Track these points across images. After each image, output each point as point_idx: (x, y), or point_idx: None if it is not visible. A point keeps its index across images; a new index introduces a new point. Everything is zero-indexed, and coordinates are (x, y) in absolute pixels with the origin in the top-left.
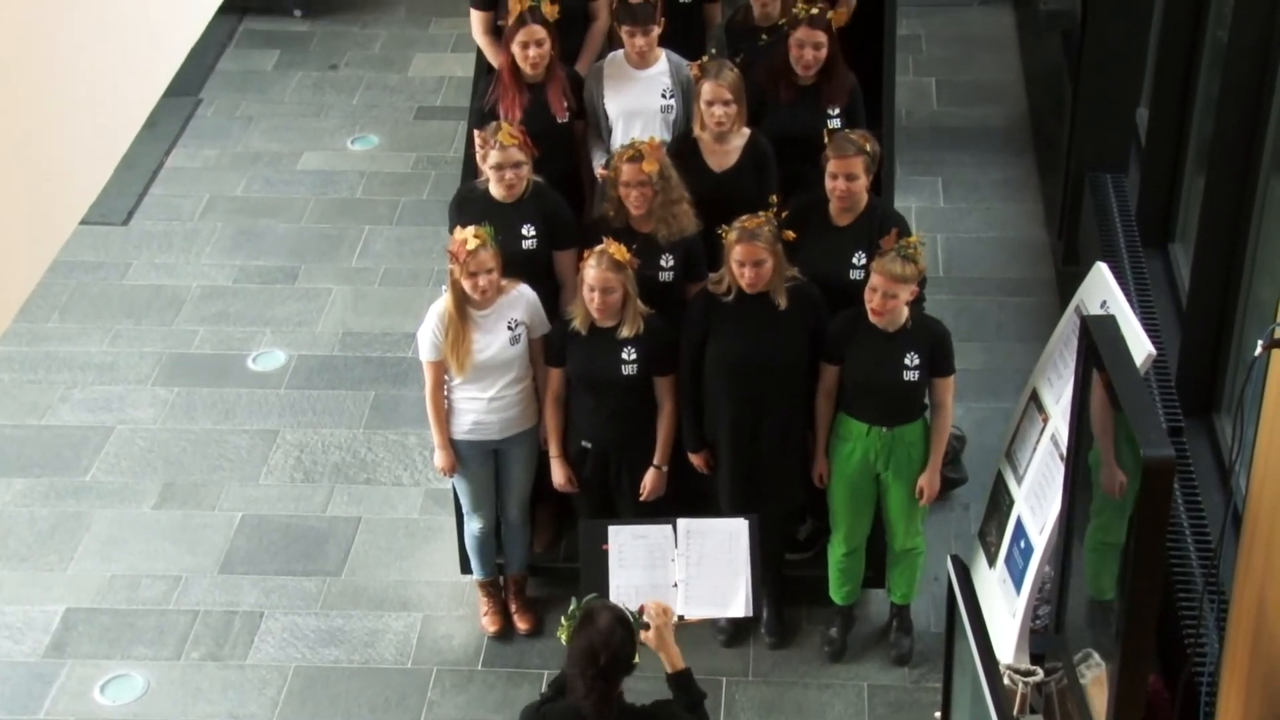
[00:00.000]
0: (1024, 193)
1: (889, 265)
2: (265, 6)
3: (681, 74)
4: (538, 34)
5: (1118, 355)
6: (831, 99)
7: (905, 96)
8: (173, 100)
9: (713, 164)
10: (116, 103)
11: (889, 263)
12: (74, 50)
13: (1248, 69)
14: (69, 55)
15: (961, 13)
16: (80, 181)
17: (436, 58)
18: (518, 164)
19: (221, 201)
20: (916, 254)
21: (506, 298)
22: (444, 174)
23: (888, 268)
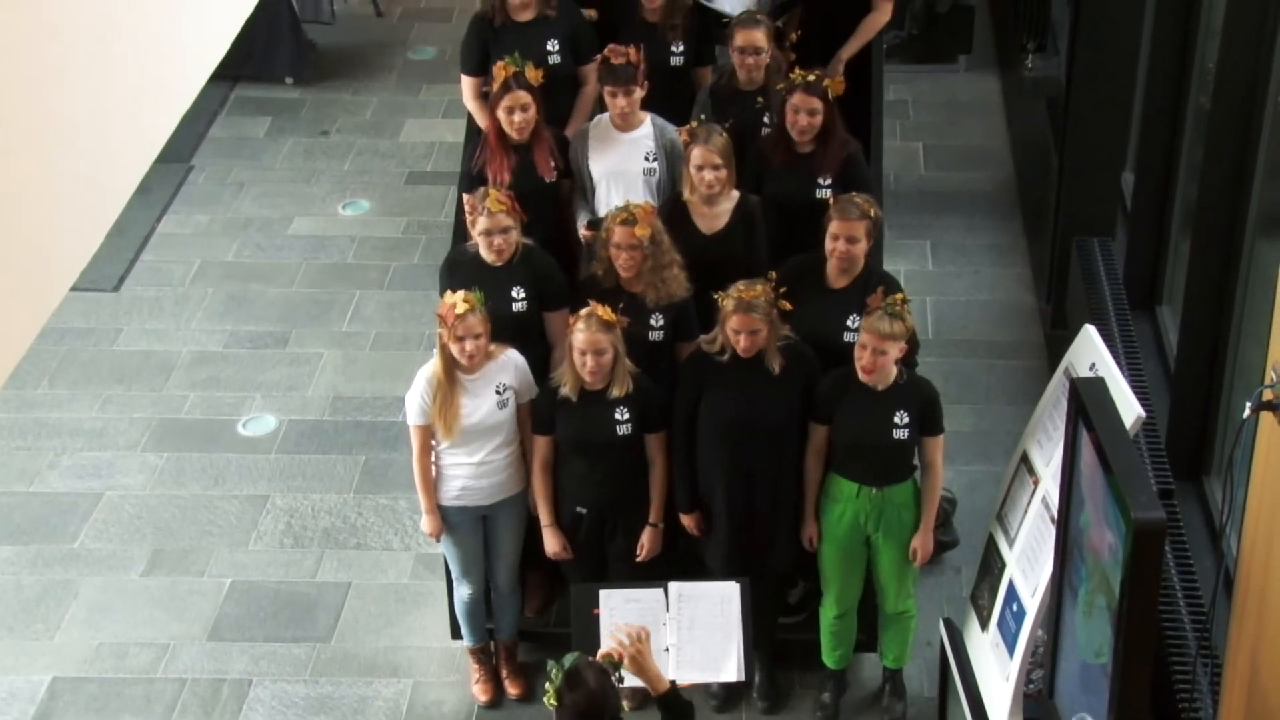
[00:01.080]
0: (1012, 256)
1: (876, 323)
2: (257, 74)
3: (666, 137)
4: (522, 99)
5: (1107, 417)
6: (823, 168)
7: (893, 161)
8: (164, 167)
9: (702, 226)
10: (108, 169)
11: (876, 320)
12: (65, 116)
13: (1230, 135)
14: (60, 121)
15: (948, 78)
16: (71, 248)
17: (427, 123)
18: (506, 229)
19: (212, 267)
20: (903, 311)
21: (495, 362)
22: (435, 238)
23: (875, 325)
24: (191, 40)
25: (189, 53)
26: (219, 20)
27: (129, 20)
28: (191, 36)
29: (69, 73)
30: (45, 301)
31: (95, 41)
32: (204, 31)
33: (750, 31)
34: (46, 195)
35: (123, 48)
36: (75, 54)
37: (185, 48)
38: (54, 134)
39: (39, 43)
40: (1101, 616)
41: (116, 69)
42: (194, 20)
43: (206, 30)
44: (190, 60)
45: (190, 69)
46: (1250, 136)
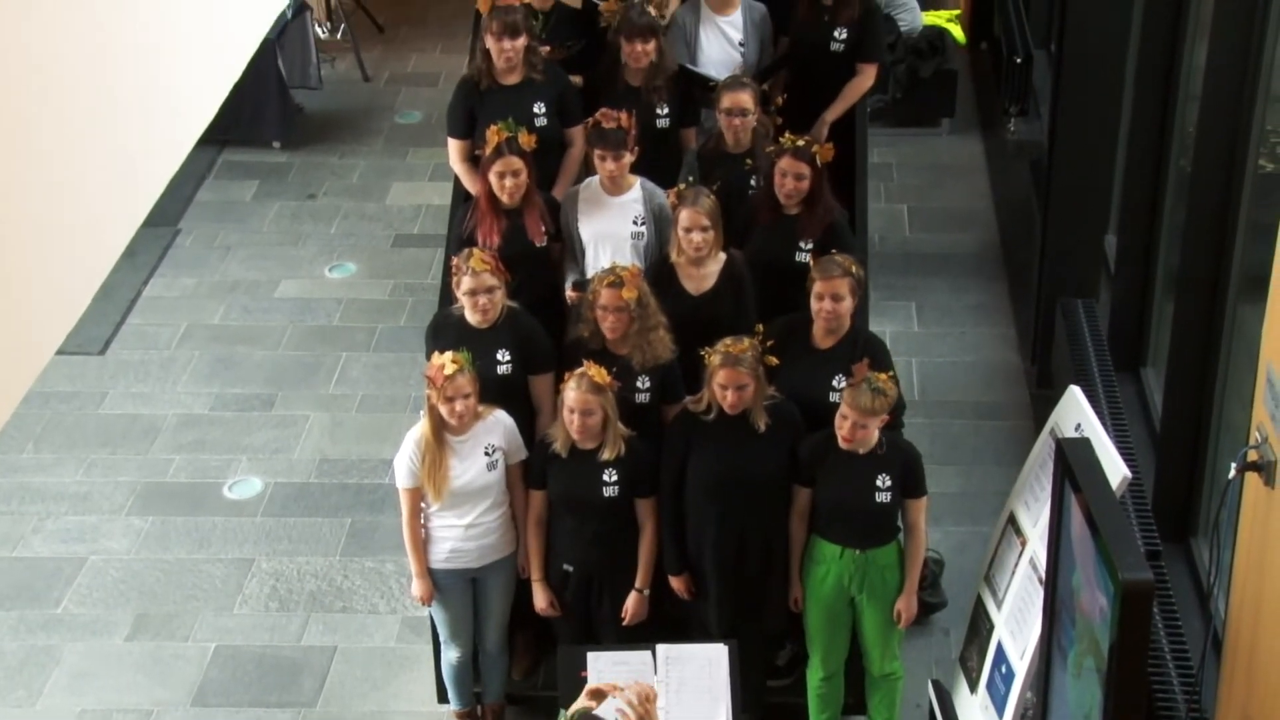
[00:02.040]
0: (997, 317)
1: (859, 399)
2: (245, 138)
3: (654, 201)
4: (514, 164)
5: (1094, 478)
6: (806, 232)
7: (878, 223)
8: (152, 230)
9: (690, 288)
10: (94, 233)
11: (859, 395)
12: (52, 179)
13: (1211, 198)
14: (46, 185)
15: (931, 141)
16: (57, 312)
17: (414, 186)
18: (490, 289)
19: (199, 330)
20: (888, 387)
21: (483, 424)
22: (421, 301)
23: (857, 401)
24: (179, 104)
25: (176, 117)
26: (206, 84)
27: (116, 84)
28: (179, 100)
29: (56, 136)
30: (30, 365)
31: (82, 105)
32: (191, 96)
33: (737, 94)
34: (32, 259)
35: (109, 111)
36: (62, 117)
37: (172, 112)
38: (40, 197)
39: (26, 105)
40: (1091, 678)
41: (103, 133)
42: (181, 84)
43: (194, 94)
44: (177, 124)
45: (177, 133)
46: (1231, 199)
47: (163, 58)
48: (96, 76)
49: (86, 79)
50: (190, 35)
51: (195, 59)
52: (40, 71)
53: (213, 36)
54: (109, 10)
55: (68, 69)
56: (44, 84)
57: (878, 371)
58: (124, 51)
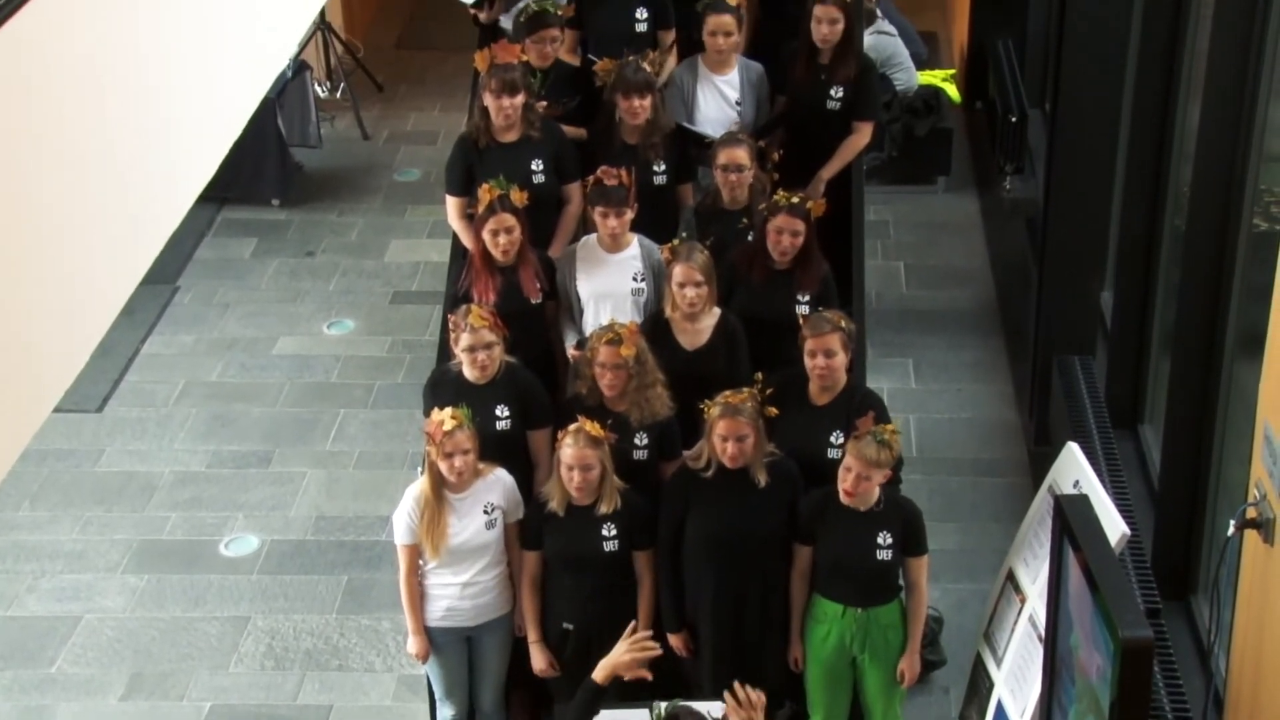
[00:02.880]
0: (994, 374)
1: (865, 449)
2: (244, 196)
3: (653, 258)
4: (507, 222)
5: (1093, 535)
6: (803, 285)
7: (875, 280)
8: (151, 288)
9: (684, 343)
10: (93, 291)
11: (865, 447)
12: (51, 237)
13: (1206, 257)
14: (46, 243)
15: (927, 198)
16: (55, 369)
17: (412, 244)
18: (489, 345)
19: (197, 387)
20: (893, 440)
21: (483, 481)
22: (419, 357)
23: (864, 452)
24: (178, 162)
25: (176, 174)
26: (206, 142)
27: (116, 141)
28: (178, 158)
29: (55, 193)
30: (28, 423)
31: (83, 164)
32: (191, 153)
33: (733, 149)
34: (31, 317)
35: (110, 170)
36: (62, 174)
37: (172, 169)
38: (38, 255)
39: (26, 162)
40: None
41: (103, 190)
42: (181, 142)
43: (193, 152)
44: (177, 182)
45: (177, 191)
46: (1226, 258)
47: (163, 116)
48: (97, 134)
49: (87, 136)
50: (191, 94)
51: (195, 117)
52: (41, 127)
53: (213, 95)
54: (111, 68)
55: (68, 126)
56: (44, 140)
57: (896, 435)
58: (125, 110)
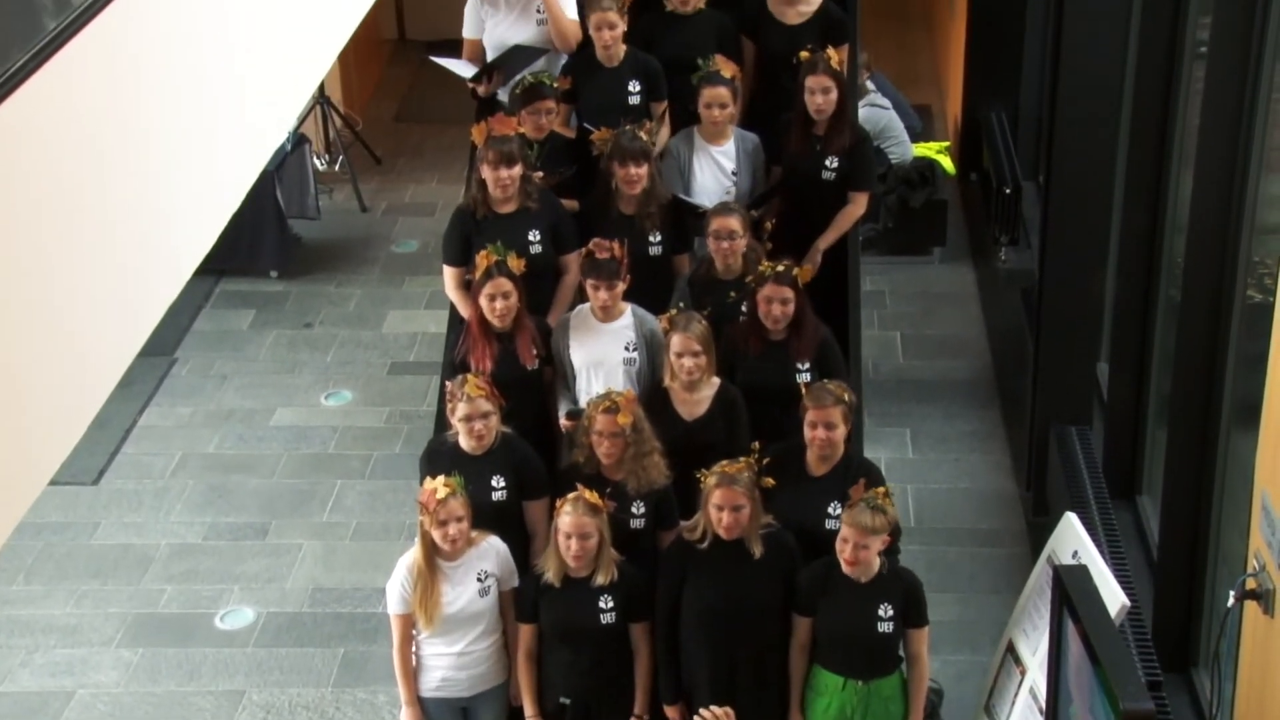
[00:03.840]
0: (991, 444)
1: (858, 517)
2: (242, 268)
3: (646, 328)
4: (504, 287)
5: (1092, 606)
6: (800, 354)
7: (871, 350)
8: (148, 359)
9: (683, 413)
10: (90, 363)
11: (859, 514)
12: (48, 309)
13: (1201, 328)
14: (44, 313)
15: (923, 269)
16: (51, 442)
17: (410, 314)
18: (485, 414)
19: (194, 459)
20: (886, 504)
21: (476, 549)
22: (417, 428)
23: (857, 519)
24: (177, 235)
25: (174, 247)
26: (205, 216)
27: (115, 215)
28: (177, 231)
29: (54, 266)
30: (23, 497)
31: (81, 236)
32: (190, 226)
33: (725, 218)
34: (27, 389)
35: (108, 242)
36: (61, 246)
37: (171, 242)
38: (36, 328)
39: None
40: None
41: (101, 263)
42: (180, 215)
43: (192, 225)
44: (175, 254)
45: (175, 263)
46: (1220, 329)
47: (162, 189)
48: (96, 205)
49: (85, 207)
50: (190, 166)
51: (194, 190)
52: (39, 198)
53: (212, 168)
54: (110, 140)
55: (67, 197)
56: (43, 211)
57: (887, 498)
58: (124, 182)
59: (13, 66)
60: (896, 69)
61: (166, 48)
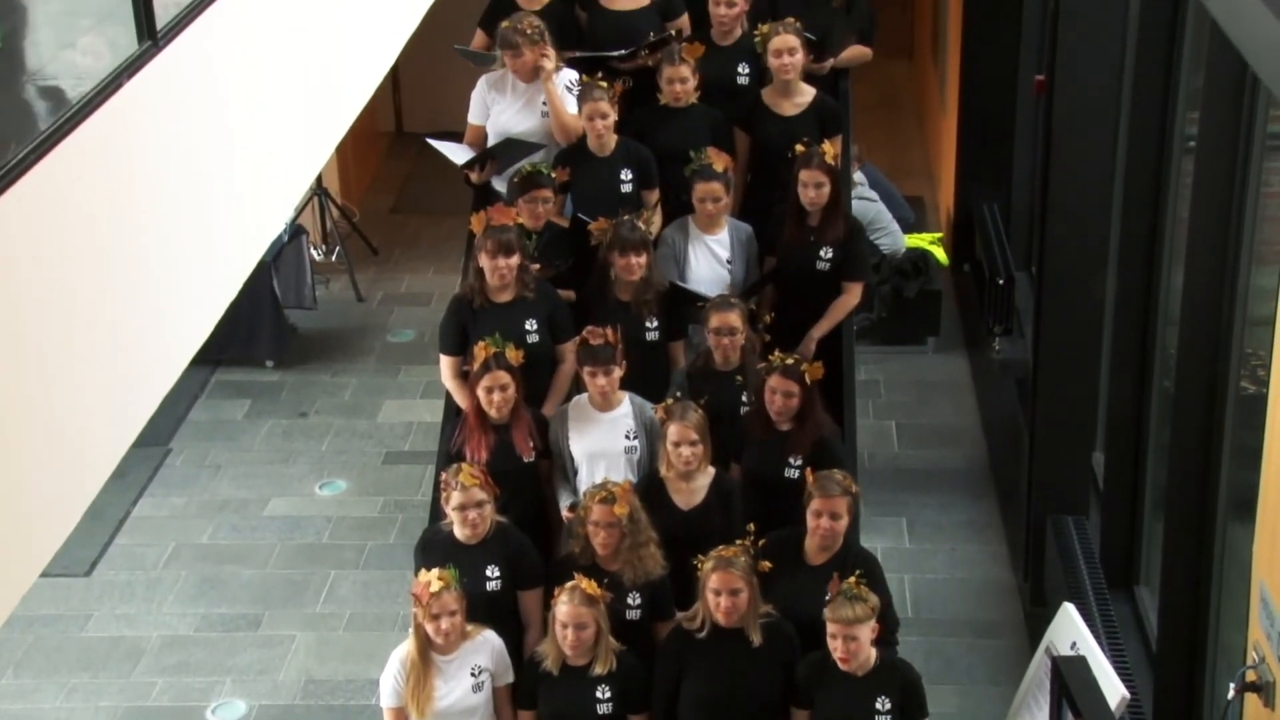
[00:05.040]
0: (987, 534)
1: (839, 612)
2: (238, 358)
3: (645, 415)
4: (502, 379)
5: (1092, 698)
6: (794, 448)
7: (867, 439)
8: (142, 450)
9: (679, 502)
10: (84, 453)
11: (838, 609)
12: (43, 399)
13: (1194, 420)
14: (38, 404)
15: (917, 358)
16: (43, 534)
17: (406, 404)
18: (480, 503)
19: (187, 550)
20: (862, 592)
21: (471, 643)
22: (411, 517)
23: (839, 614)
24: (173, 325)
25: (171, 338)
26: (201, 306)
27: (110, 305)
28: (174, 322)
29: (49, 356)
30: (14, 588)
31: (77, 326)
32: (186, 317)
33: (725, 314)
34: (20, 480)
35: (104, 332)
36: (56, 337)
37: (167, 333)
38: (30, 418)
39: (20, 326)
40: None
41: (97, 354)
42: (176, 306)
43: (188, 316)
44: (171, 345)
45: (171, 354)
46: (1215, 421)
47: (158, 279)
48: (92, 297)
49: (82, 298)
50: (186, 257)
51: (191, 281)
52: (36, 289)
53: (208, 259)
54: (107, 231)
55: (63, 288)
56: (39, 302)
57: (860, 584)
58: (120, 273)
59: (11, 160)
60: (889, 160)
61: (164, 140)
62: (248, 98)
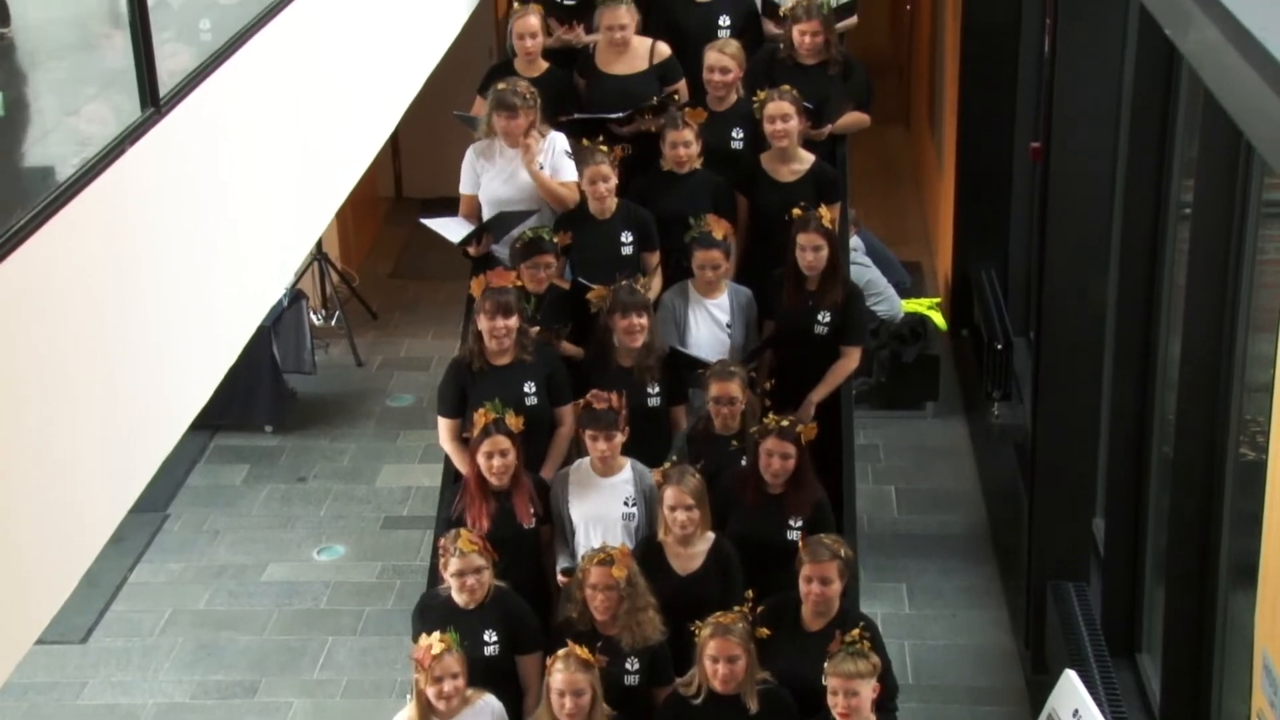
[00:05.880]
0: (988, 600)
1: (842, 665)
2: (237, 423)
3: (645, 482)
4: (502, 444)
5: None
6: (794, 510)
7: (866, 504)
8: (139, 516)
9: (677, 568)
10: (81, 519)
11: (841, 664)
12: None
13: (1194, 486)
14: (35, 469)
15: (916, 423)
16: (39, 601)
17: (404, 469)
18: (478, 569)
19: (184, 616)
20: (864, 648)
21: (471, 709)
22: (409, 583)
23: (841, 668)
24: (172, 391)
25: (169, 403)
26: (200, 371)
27: (110, 370)
28: (172, 387)
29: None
30: (9, 656)
31: (76, 390)
32: (185, 382)
33: (725, 383)
34: (15, 547)
35: (103, 397)
36: (55, 402)
37: (166, 398)
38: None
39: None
40: None
41: (96, 419)
42: (175, 371)
43: (187, 381)
44: (170, 410)
45: (170, 419)
46: (1214, 487)
47: (158, 344)
48: (92, 362)
49: (81, 363)
50: (186, 322)
51: (190, 346)
52: (35, 353)
53: (208, 324)
54: (108, 298)
55: (63, 352)
56: (39, 366)
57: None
58: (121, 338)
59: (14, 226)
60: (886, 226)
61: (165, 205)
62: (249, 163)
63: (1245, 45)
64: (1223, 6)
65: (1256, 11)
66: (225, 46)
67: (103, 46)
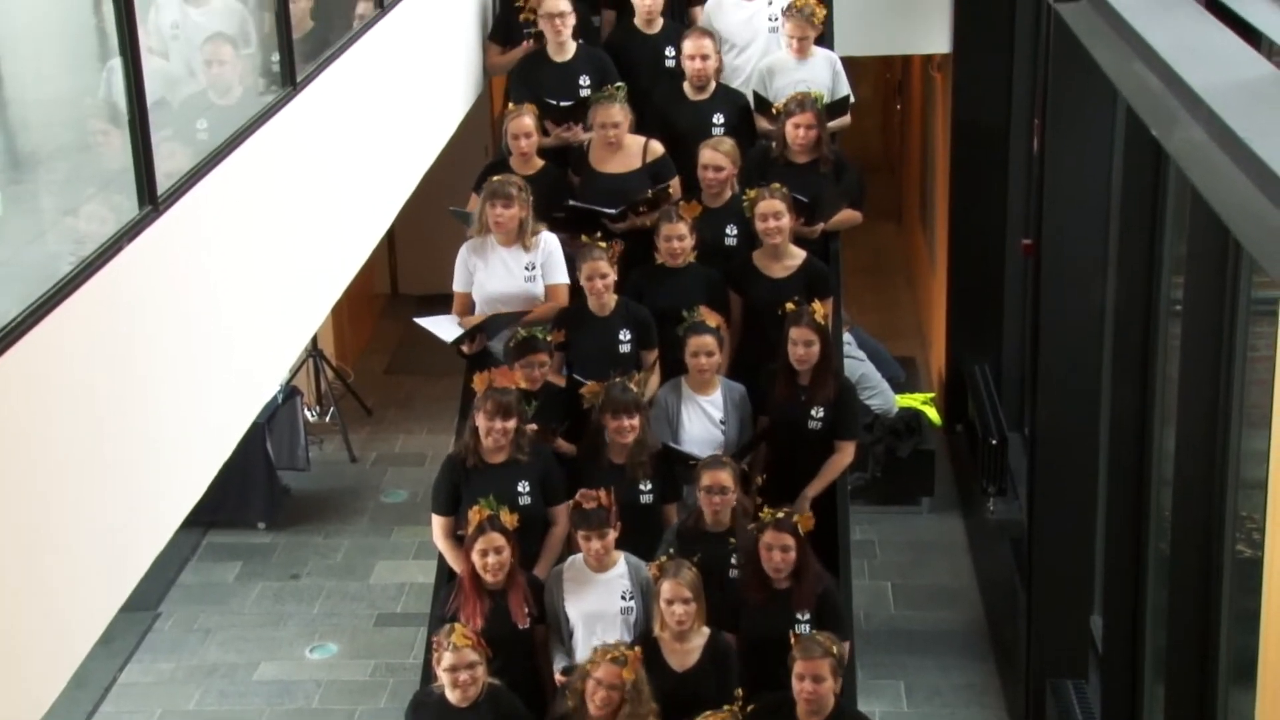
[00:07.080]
0: (987, 698)
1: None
2: (230, 520)
3: (640, 575)
4: (496, 542)
5: None
6: (800, 603)
7: (863, 600)
8: (130, 615)
9: (674, 663)
10: (70, 620)
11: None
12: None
13: (1192, 584)
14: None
15: (912, 519)
16: (25, 704)
17: (398, 565)
18: (471, 665)
19: (174, 717)
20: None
21: None
22: (402, 681)
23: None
24: (164, 487)
25: (161, 500)
26: (193, 468)
27: (102, 467)
28: (165, 484)
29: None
30: None
31: (65, 489)
32: (177, 479)
33: (716, 472)
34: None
35: (94, 495)
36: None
37: (158, 495)
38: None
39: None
40: None
41: (86, 516)
42: (169, 468)
43: (180, 478)
44: (162, 508)
45: (161, 516)
46: (1212, 585)
47: (151, 440)
48: (85, 459)
49: (75, 461)
50: (179, 419)
51: (183, 443)
52: (30, 450)
53: (201, 420)
54: (102, 392)
55: (56, 451)
56: (32, 462)
57: None
58: (113, 435)
59: (9, 324)
60: (879, 322)
61: (160, 301)
62: (244, 261)
63: (1230, 145)
64: (1207, 107)
65: (1241, 112)
66: (223, 145)
67: (100, 146)
